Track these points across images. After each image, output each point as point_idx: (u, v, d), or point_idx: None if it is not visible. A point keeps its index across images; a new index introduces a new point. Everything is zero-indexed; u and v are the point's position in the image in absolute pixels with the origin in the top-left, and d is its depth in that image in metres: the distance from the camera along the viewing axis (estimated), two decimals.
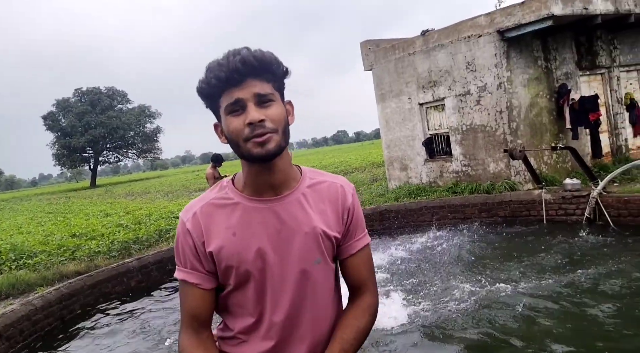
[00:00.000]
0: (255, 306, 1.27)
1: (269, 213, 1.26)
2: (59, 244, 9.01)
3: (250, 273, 1.24)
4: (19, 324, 5.14)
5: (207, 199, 1.29)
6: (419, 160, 10.45)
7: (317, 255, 1.28)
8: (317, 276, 1.29)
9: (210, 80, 1.18)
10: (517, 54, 8.85)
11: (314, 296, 1.29)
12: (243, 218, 1.25)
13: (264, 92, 1.18)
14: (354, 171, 20.08)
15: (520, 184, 8.78)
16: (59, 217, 16.22)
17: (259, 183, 1.26)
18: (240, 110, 1.18)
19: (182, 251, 1.27)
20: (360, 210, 1.39)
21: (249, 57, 1.16)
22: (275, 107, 1.20)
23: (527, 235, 7.25)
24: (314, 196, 1.31)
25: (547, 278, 5.27)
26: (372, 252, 1.43)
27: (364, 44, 11.32)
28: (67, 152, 52.05)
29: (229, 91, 1.17)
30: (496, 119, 8.93)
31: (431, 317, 4.62)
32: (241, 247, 1.23)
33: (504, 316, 4.43)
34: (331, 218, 1.30)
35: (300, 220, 1.26)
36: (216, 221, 1.25)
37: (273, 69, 1.21)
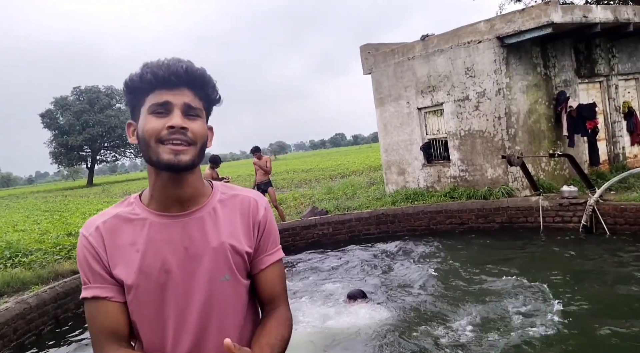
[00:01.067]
0: (160, 328, 1.21)
1: (177, 229, 1.21)
2: (54, 242, 8.99)
3: (153, 292, 1.19)
4: (13, 323, 5.12)
5: (111, 214, 1.24)
6: (416, 165, 10.46)
7: (225, 271, 1.23)
8: (225, 294, 1.23)
9: (146, 74, 1.15)
10: (517, 61, 8.88)
11: (223, 314, 1.24)
12: (149, 234, 1.20)
13: (194, 105, 1.17)
14: (351, 174, 20.10)
15: (517, 190, 8.80)
16: (55, 215, 16.17)
17: (166, 196, 1.21)
18: (164, 113, 1.15)
19: (88, 266, 1.19)
20: (273, 224, 1.34)
21: (192, 68, 1.17)
22: (199, 123, 1.19)
23: (524, 242, 7.27)
24: (224, 210, 1.26)
25: (541, 288, 5.27)
26: (369, 251, 1.41)
27: (364, 47, 11.34)
28: (65, 150, 51.96)
29: (160, 91, 1.15)
30: (494, 125, 8.95)
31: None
32: (144, 265, 1.18)
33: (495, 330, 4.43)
34: (242, 233, 1.26)
35: (208, 236, 1.22)
36: (120, 237, 1.20)
37: (208, 90, 1.21)
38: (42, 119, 52.30)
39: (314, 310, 5.19)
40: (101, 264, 1.19)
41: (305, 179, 21.05)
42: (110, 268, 1.18)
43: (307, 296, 5.81)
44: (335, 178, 19.57)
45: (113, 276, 1.19)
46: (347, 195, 12.37)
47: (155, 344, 1.22)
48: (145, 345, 1.23)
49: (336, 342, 4.41)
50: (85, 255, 1.19)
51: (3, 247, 8.56)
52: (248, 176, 28.13)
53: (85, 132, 50.45)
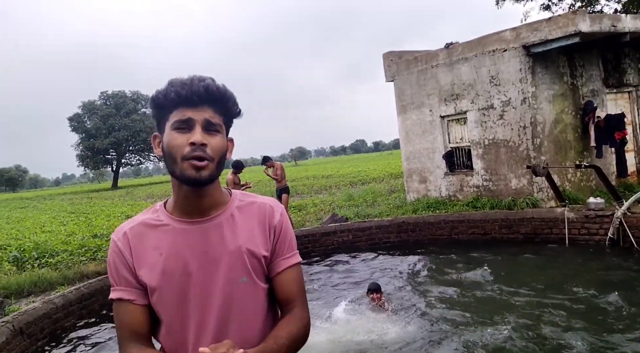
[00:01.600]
0: (182, 328, 1.28)
1: (197, 234, 1.29)
2: (80, 244, 9.19)
3: (175, 294, 1.26)
4: (40, 322, 5.24)
5: (137, 221, 1.33)
6: (438, 173, 10.39)
7: (243, 273, 1.29)
8: (243, 296, 1.30)
9: (170, 93, 1.23)
10: (543, 70, 8.77)
11: (242, 315, 1.30)
12: (171, 239, 1.29)
13: (214, 121, 1.25)
14: (371, 182, 20.04)
15: (542, 201, 8.66)
16: (81, 217, 16.52)
17: (188, 205, 1.30)
18: (186, 129, 1.23)
19: (115, 270, 1.30)
20: (289, 229, 1.40)
21: (213, 87, 1.24)
22: (219, 139, 1.26)
23: (549, 254, 7.14)
24: (241, 216, 1.34)
25: (566, 301, 5.17)
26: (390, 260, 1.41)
27: (387, 55, 11.34)
28: (91, 153, 53.14)
29: (183, 109, 1.23)
30: (519, 135, 8.84)
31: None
32: (167, 267, 1.26)
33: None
34: (258, 237, 1.33)
35: (226, 240, 1.29)
36: (145, 241, 1.29)
37: (229, 105, 1.29)
38: (70, 122, 53.64)
39: (335, 316, 5.18)
40: (127, 268, 1.29)
41: (326, 185, 21.07)
42: (136, 271, 1.28)
43: (322, 302, 5.81)
44: (356, 185, 19.54)
45: (138, 280, 1.28)
46: (368, 202, 12.34)
47: (176, 344, 1.29)
48: (166, 345, 1.31)
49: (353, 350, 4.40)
50: (114, 258, 1.30)
51: (31, 248, 8.80)
52: (268, 181, 28.30)
53: (111, 136, 51.53)
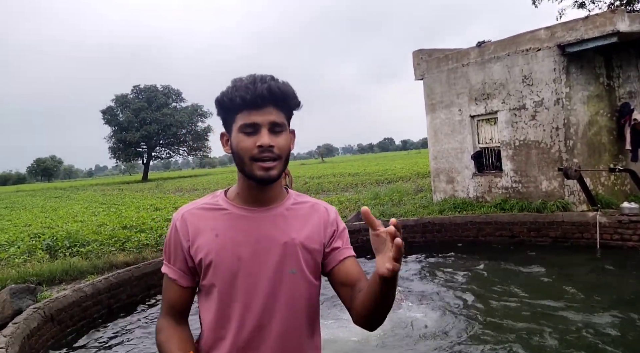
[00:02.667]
0: (227, 309, 1.32)
1: (253, 221, 1.34)
2: (110, 234, 9.40)
3: (225, 275, 1.31)
4: (70, 309, 5.40)
5: (198, 204, 1.40)
6: (466, 173, 10.24)
7: (293, 265, 1.32)
8: (291, 287, 1.32)
9: (235, 98, 1.27)
10: (578, 70, 8.53)
11: (288, 306, 1.32)
12: (227, 222, 1.34)
13: (279, 121, 1.29)
14: (398, 181, 19.89)
15: (573, 205, 8.44)
16: (112, 208, 16.92)
17: (250, 196, 1.36)
18: (253, 132, 1.27)
19: (169, 248, 1.38)
20: (344, 229, 1.44)
21: (275, 88, 1.27)
22: (284, 137, 1.31)
23: (579, 259, 6.96)
24: (297, 212, 1.39)
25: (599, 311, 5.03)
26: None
27: (416, 53, 11.22)
28: (123, 146, 54.31)
29: (249, 112, 1.27)
30: (552, 136, 8.63)
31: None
32: (221, 248, 1.31)
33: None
34: (313, 233, 1.37)
35: (280, 231, 1.33)
36: (202, 223, 1.35)
37: (290, 101, 1.33)
38: (103, 115, 54.93)
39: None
40: (180, 249, 1.36)
41: (352, 183, 21.01)
42: (191, 250, 1.34)
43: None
44: (382, 183, 19.42)
45: (187, 263, 1.35)
46: (394, 201, 12.26)
47: (219, 323, 1.33)
48: (208, 323, 1.34)
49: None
50: (171, 237, 1.38)
51: (64, 237, 9.06)
52: (295, 178, 28.39)
53: (143, 129, 52.54)
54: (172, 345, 1.31)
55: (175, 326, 1.37)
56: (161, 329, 1.37)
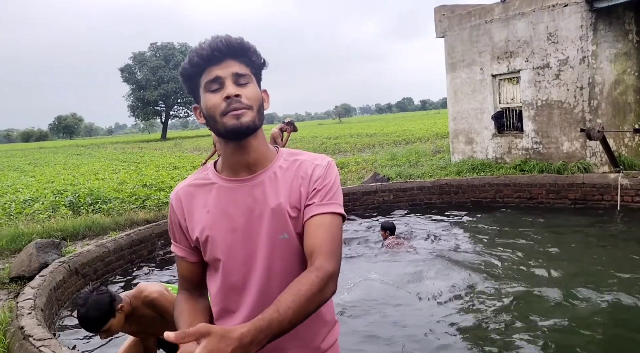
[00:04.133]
0: (229, 282, 1.34)
1: (243, 191, 1.32)
2: (131, 192, 9.59)
3: (222, 250, 1.32)
4: (93, 264, 5.59)
5: (189, 181, 1.41)
6: (486, 134, 10.08)
7: (283, 230, 1.31)
8: (284, 252, 1.32)
9: (193, 58, 1.27)
10: (606, 27, 8.19)
11: (283, 273, 1.32)
12: (218, 197, 1.34)
13: (242, 72, 1.27)
14: (416, 141, 19.73)
15: (595, 166, 8.30)
16: (131, 166, 17.19)
17: (235, 162, 1.33)
18: (218, 87, 1.25)
19: (172, 227, 1.42)
20: (331, 182, 1.33)
21: (230, 40, 1.26)
22: (251, 87, 1.28)
23: (599, 220, 6.90)
24: (285, 174, 1.34)
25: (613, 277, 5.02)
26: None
27: (438, 9, 10.87)
28: (141, 104, 54.57)
29: (209, 69, 1.26)
30: (575, 96, 8.39)
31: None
32: (214, 223, 1.32)
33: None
34: (299, 194, 1.31)
35: (268, 197, 1.31)
36: (195, 200, 1.36)
37: (251, 55, 1.30)
38: (121, 73, 54.98)
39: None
40: (180, 227, 1.39)
41: (369, 144, 20.90)
42: (188, 228, 1.36)
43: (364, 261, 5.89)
44: (400, 144, 19.29)
45: (189, 239, 1.37)
46: (411, 162, 12.20)
47: (223, 295, 1.37)
48: (214, 296, 1.39)
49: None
50: (171, 217, 1.41)
51: (86, 193, 9.27)
52: (312, 138, 28.36)
53: (160, 88, 52.57)
54: (181, 322, 1.33)
55: (188, 299, 1.40)
56: (177, 304, 1.40)
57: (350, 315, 4.28)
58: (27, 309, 3.82)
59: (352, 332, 3.93)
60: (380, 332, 3.95)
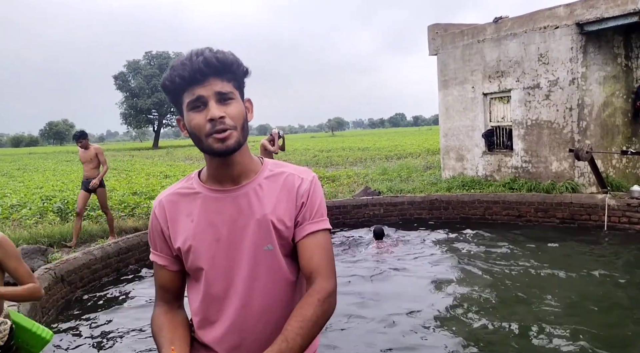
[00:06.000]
0: (211, 293, 1.34)
1: (227, 202, 1.33)
2: (120, 200, 9.53)
3: (204, 260, 1.32)
4: (79, 271, 5.54)
5: (173, 189, 1.39)
6: (476, 152, 10.18)
7: (268, 241, 1.31)
8: (269, 263, 1.32)
9: (174, 78, 1.24)
10: (596, 50, 8.35)
11: (266, 284, 1.33)
12: (202, 206, 1.33)
13: (224, 90, 1.25)
14: (407, 156, 19.84)
15: (583, 186, 8.40)
16: (122, 174, 17.09)
17: (220, 175, 1.33)
18: (201, 106, 1.24)
19: (153, 235, 1.40)
20: (318, 197, 1.37)
21: (212, 59, 1.23)
22: (234, 105, 1.26)
23: (585, 241, 6.96)
24: (270, 186, 1.35)
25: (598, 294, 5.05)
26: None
27: (432, 27, 11.02)
28: (134, 112, 54.43)
29: (192, 88, 1.24)
30: (565, 116, 8.52)
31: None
32: (197, 233, 1.32)
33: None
34: (285, 207, 1.33)
35: (254, 208, 1.32)
36: (179, 209, 1.35)
37: (233, 69, 1.27)
38: (115, 80, 54.88)
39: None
40: (162, 236, 1.38)
41: (361, 157, 20.98)
42: (171, 237, 1.35)
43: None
44: (391, 159, 19.39)
45: (171, 248, 1.37)
46: (402, 177, 12.26)
47: (204, 306, 1.36)
48: (197, 307, 1.37)
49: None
50: (153, 225, 1.39)
51: (74, 200, 9.19)
52: (304, 150, 28.40)
53: (154, 96, 52.51)
54: (161, 338, 1.33)
55: (166, 313, 1.39)
56: (154, 319, 1.39)
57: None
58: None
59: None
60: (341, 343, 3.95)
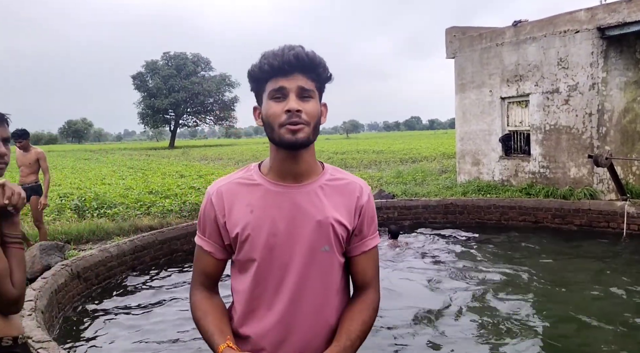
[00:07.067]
0: (262, 283, 1.35)
1: (287, 197, 1.35)
2: (136, 198, 9.63)
3: (259, 251, 1.33)
4: (95, 268, 5.60)
5: (232, 178, 1.41)
6: (493, 156, 10.08)
7: (325, 243, 1.35)
8: (323, 264, 1.36)
9: (264, 65, 1.29)
10: (617, 54, 8.22)
11: (318, 282, 1.36)
12: (262, 198, 1.35)
13: (307, 87, 1.30)
14: (422, 160, 19.73)
15: (602, 193, 8.26)
16: (138, 173, 17.27)
17: (283, 169, 1.36)
18: (281, 97, 1.29)
19: (204, 221, 1.41)
20: (374, 212, 1.45)
21: (303, 54, 1.29)
22: (312, 104, 1.31)
23: (603, 248, 6.84)
24: (332, 189, 1.38)
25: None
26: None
27: (450, 30, 10.96)
28: (151, 112, 54.98)
29: (277, 78, 1.29)
30: (584, 122, 8.39)
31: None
32: (256, 225, 1.33)
33: None
34: (344, 213, 1.37)
35: (314, 208, 1.34)
36: (238, 198, 1.37)
37: (319, 70, 1.33)
38: (133, 80, 55.51)
39: None
40: (214, 223, 1.38)
41: (375, 160, 20.93)
42: (227, 225, 1.36)
43: None
44: (406, 162, 19.30)
45: (222, 236, 1.38)
46: (417, 181, 12.19)
47: (253, 296, 1.37)
48: (242, 296, 1.39)
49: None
50: (206, 210, 1.40)
51: (92, 198, 9.33)
52: (319, 152, 28.42)
53: (171, 96, 52.99)
54: (209, 325, 1.34)
55: (208, 298, 1.41)
56: (196, 305, 1.40)
57: None
58: (27, 311, 3.82)
59: None
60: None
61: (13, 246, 1.63)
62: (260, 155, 27.34)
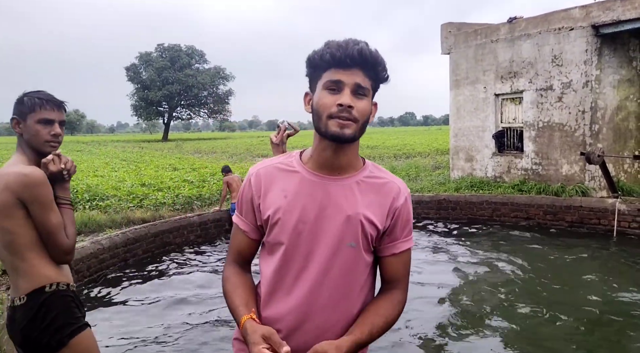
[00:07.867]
0: (285, 268, 1.36)
1: (321, 188, 1.35)
2: (129, 191, 9.58)
3: (287, 236, 1.35)
4: (87, 260, 5.58)
5: (271, 162, 1.44)
6: (486, 153, 10.12)
7: (352, 239, 1.34)
8: (347, 259, 1.35)
9: (325, 54, 1.28)
10: (611, 52, 8.26)
11: (340, 277, 1.35)
12: (297, 185, 1.36)
13: (363, 85, 1.29)
14: (416, 156, 19.76)
15: (593, 190, 8.32)
16: (131, 165, 17.18)
17: (323, 160, 1.36)
18: (336, 90, 1.28)
19: (242, 200, 1.45)
20: (410, 215, 1.43)
21: (366, 51, 1.28)
22: (365, 102, 1.31)
23: (594, 245, 6.90)
24: (368, 186, 1.38)
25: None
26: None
27: (445, 26, 10.95)
28: (145, 104, 54.61)
29: (335, 70, 1.28)
30: (577, 119, 8.44)
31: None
32: (287, 210, 1.35)
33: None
34: (377, 212, 1.36)
35: (347, 202, 1.34)
36: (275, 182, 1.38)
37: (378, 69, 1.32)
38: (126, 72, 55.09)
39: None
40: (250, 204, 1.42)
41: (369, 155, 20.93)
42: (261, 207, 1.39)
43: None
44: (400, 158, 19.33)
45: (256, 217, 1.41)
46: (410, 176, 12.22)
47: (276, 279, 1.38)
48: (267, 277, 1.41)
49: None
50: (245, 191, 1.44)
51: (84, 189, 9.27)
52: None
53: (165, 88, 52.65)
54: (236, 298, 1.38)
55: (240, 274, 1.45)
56: (228, 278, 1.44)
57: None
58: None
59: None
60: None
61: (65, 206, 1.96)
62: (254, 149, 27.28)
